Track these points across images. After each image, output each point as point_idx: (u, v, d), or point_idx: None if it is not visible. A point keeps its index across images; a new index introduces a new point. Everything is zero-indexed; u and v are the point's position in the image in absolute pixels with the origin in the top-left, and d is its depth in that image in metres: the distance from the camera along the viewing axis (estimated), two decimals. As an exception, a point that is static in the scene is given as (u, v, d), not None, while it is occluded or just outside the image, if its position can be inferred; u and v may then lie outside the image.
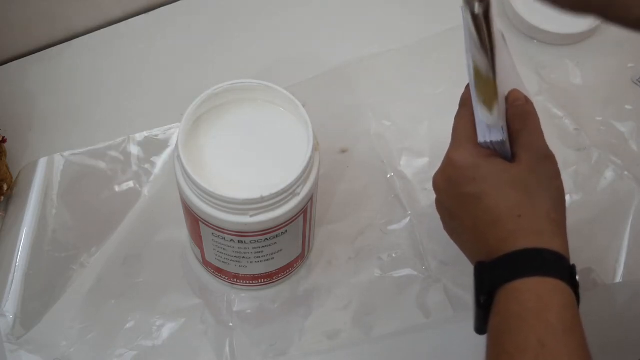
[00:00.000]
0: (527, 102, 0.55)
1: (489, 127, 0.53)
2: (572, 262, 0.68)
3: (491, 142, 0.53)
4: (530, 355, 0.46)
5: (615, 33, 0.80)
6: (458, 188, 0.53)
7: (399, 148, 0.74)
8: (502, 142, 0.53)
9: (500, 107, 0.52)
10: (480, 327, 0.51)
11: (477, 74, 0.52)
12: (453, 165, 0.54)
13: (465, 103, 0.56)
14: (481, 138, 0.53)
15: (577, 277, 0.50)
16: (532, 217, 0.51)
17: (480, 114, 0.53)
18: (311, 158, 0.57)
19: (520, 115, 0.54)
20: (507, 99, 0.55)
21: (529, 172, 0.52)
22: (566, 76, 0.79)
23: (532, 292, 0.48)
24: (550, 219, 0.51)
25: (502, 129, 0.52)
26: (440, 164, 0.57)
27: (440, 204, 0.57)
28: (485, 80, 0.51)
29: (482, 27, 0.48)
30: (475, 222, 0.53)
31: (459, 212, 0.54)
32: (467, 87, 0.56)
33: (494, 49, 0.49)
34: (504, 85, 0.54)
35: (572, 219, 0.70)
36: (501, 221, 0.51)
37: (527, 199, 0.51)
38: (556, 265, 0.49)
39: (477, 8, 0.47)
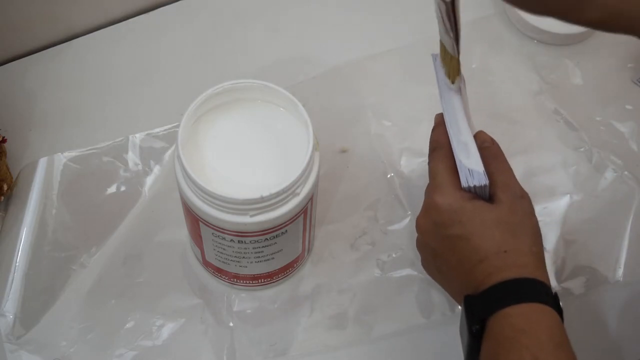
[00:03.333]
0: (494, 143, 0.59)
1: (471, 172, 0.56)
2: (572, 261, 0.69)
3: (474, 186, 0.56)
4: None
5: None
6: (444, 230, 0.56)
7: (399, 148, 0.74)
8: (484, 186, 0.56)
9: (475, 151, 0.58)
10: (472, 357, 0.53)
11: (443, 50, 0.58)
12: (438, 209, 0.56)
13: (440, 146, 0.59)
14: (464, 183, 0.56)
15: (561, 304, 0.53)
16: (517, 252, 0.54)
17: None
18: (311, 158, 0.57)
19: (491, 158, 0.58)
20: (475, 139, 0.59)
21: (509, 212, 0.55)
22: (566, 76, 0.79)
23: (523, 315, 0.51)
24: (532, 253, 0.54)
25: (484, 174, 0.56)
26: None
27: (423, 245, 0.60)
28: (450, 57, 0.57)
29: (450, 13, 0.54)
30: (461, 260, 0.55)
31: (444, 252, 0.57)
32: (436, 130, 0.61)
33: (459, 32, 0.55)
34: (472, 126, 0.60)
35: (572, 219, 0.70)
36: (489, 258, 0.54)
37: (511, 236, 0.54)
38: (542, 292, 0.52)
39: None
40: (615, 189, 0.72)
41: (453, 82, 0.60)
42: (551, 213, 0.70)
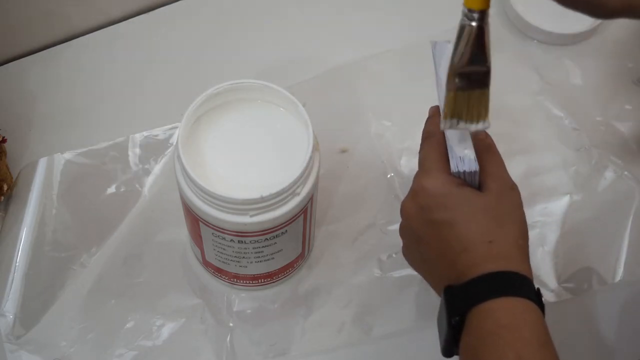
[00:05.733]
0: (487, 136, 0.58)
1: (462, 158, 0.55)
2: (572, 261, 0.69)
3: (464, 172, 0.55)
4: None
5: (615, 33, 0.81)
6: (430, 214, 0.55)
7: (399, 148, 0.74)
8: (474, 173, 0.55)
9: (468, 138, 0.56)
10: (449, 349, 0.53)
11: (461, 94, 0.53)
12: (425, 192, 0.55)
13: (431, 135, 0.58)
14: (454, 168, 0.55)
15: (543, 299, 0.52)
16: (502, 243, 0.53)
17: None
18: (311, 158, 0.57)
19: (484, 149, 0.57)
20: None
21: (498, 201, 0.54)
22: (566, 76, 0.79)
23: (505, 310, 0.50)
24: (518, 245, 0.53)
25: (475, 160, 0.55)
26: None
27: (407, 230, 0.58)
28: (478, 95, 0.53)
29: (484, 36, 0.51)
30: (445, 247, 0.54)
31: (428, 238, 0.55)
32: (429, 120, 0.59)
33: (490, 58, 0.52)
34: None
35: (572, 219, 0.70)
36: (473, 247, 0.52)
37: (498, 226, 0.53)
38: (525, 287, 0.51)
39: (483, 18, 0.50)
40: (615, 189, 0.72)
41: (485, 121, 0.54)
42: (551, 213, 0.70)
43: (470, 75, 0.53)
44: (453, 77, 0.53)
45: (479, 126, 0.54)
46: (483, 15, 0.51)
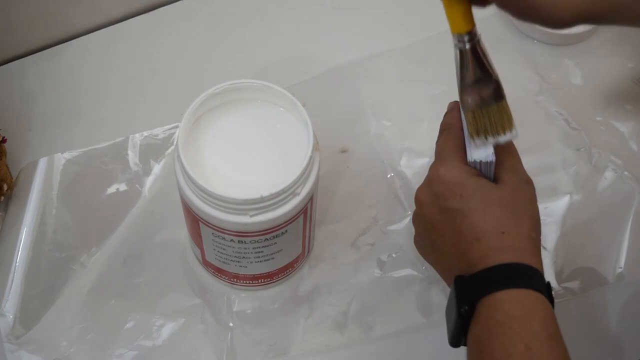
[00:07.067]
0: None
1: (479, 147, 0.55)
2: (572, 261, 0.69)
3: (480, 162, 0.55)
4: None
5: (615, 33, 0.81)
6: (444, 203, 0.55)
7: (399, 148, 0.74)
8: (490, 163, 0.55)
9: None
10: (457, 339, 0.53)
11: (479, 112, 0.55)
12: (441, 180, 0.55)
13: (449, 127, 0.58)
14: (470, 157, 0.55)
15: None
16: (515, 235, 0.53)
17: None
18: (311, 158, 0.57)
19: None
20: None
21: (512, 194, 0.54)
22: (566, 76, 0.79)
23: (515, 301, 0.50)
24: (530, 238, 0.53)
25: (492, 151, 0.55)
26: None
27: (420, 218, 0.59)
28: (496, 108, 0.54)
29: (480, 54, 0.53)
30: (457, 236, 0.54)
31: (441, 227, 0.56)
32: (448, 114, 0.59)
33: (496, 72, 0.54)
34: None
35: (572, 219, 0.70)
36: (485, 237, 0.53)
37: (511, 218, 0.53)
38: (536, 280, 0.52)
39: (473, 38, 0.53)
40: (615, 189, 0.72)
41: (511, 130, 0.55)
42: (551, 213, 0.70)
43: (481, 93, 0.54)
44: (466, 99, 0.54)
45: (507, 137, 0.55)
46: (472, 35, 0.53)
